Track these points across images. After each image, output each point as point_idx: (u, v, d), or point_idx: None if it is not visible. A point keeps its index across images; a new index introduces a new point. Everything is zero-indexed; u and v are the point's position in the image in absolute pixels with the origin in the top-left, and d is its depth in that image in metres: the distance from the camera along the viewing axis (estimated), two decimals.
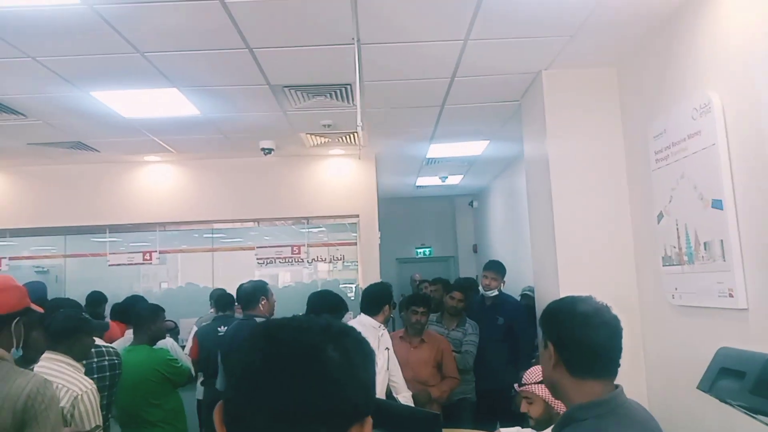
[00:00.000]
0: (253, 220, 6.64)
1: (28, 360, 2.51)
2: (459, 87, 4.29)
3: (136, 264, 6.49)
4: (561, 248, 3.83)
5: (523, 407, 2.34)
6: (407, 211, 10.22)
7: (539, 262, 4.34)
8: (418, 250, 10.95)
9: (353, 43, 3.40)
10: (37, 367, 2.55)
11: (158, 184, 6.39)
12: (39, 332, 2.60)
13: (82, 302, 4.68)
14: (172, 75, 3.91)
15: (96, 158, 6.11)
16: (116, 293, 5.73)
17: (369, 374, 0.80)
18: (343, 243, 6.80)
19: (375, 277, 5.98)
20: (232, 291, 4.55)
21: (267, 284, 4.11)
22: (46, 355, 2.65)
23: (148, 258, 6.44)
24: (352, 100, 4.47)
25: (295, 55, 3.62)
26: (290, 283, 7.22)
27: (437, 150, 6.39)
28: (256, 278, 6.57)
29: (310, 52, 3.58)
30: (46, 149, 5.70)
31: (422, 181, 8.45)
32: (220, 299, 4.85)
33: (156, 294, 6.69)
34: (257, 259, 6.51)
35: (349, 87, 4.20)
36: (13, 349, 2.07)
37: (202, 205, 6.37)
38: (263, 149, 5.69)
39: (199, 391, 4.66)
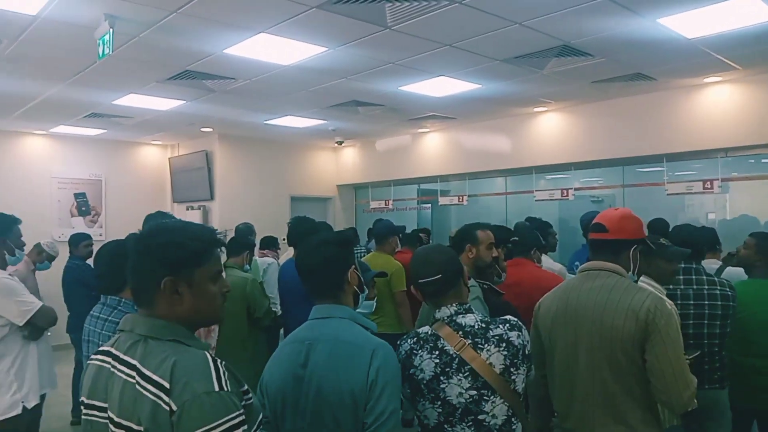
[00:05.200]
0: None
1: None
2: None
3: (695, 193, 6.25)
4: None
5: None
6: None
7: None
8: None
9: None
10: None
11: (719, 107, 5.88)
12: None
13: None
14: None
15: (651, 87, 6.09)
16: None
17: None
18: None
19: None
20: None
21: None
22: (643, 278, 2.83)
23: (709, 186, 6.08)
24: None
25: None
26: None
27: None
28: None
29: None
30: (606, 85, 6.02)
31: None
32: None
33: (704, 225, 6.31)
34: None
35: None
36: (630, 272, 2.26)
37: None
38: None
39: None
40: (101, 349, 1.48)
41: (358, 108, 7.06)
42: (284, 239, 5.43)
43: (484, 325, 1.86)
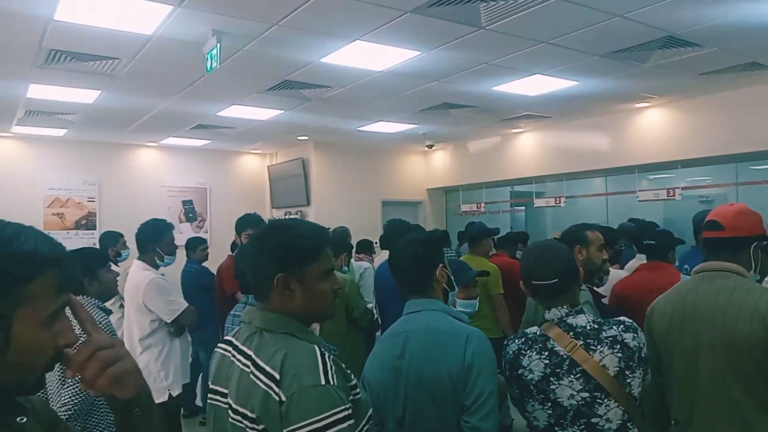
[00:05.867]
0: None
1: None
2: None
3: None
4: None
5: None
6: None
7: None
8: None
9: None
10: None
11: None
12: None
13: None
14: None
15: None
16: None
17: None
18: None
19: None
20: None
21: None
22: None
23: None
24: None
25: None
26: None
27: None
28: None
29: None
30: (716, 77, 5.64)
31: None
32: None
33: None
34: None
35: None
36: (751, 272, 2.11)
37: None
38: None
39: None
40: (225, 338, 1.58)
41: (449, 110, 7.04)
42: (376, 243, 5.50)
43: (596, 326, 1.80)
